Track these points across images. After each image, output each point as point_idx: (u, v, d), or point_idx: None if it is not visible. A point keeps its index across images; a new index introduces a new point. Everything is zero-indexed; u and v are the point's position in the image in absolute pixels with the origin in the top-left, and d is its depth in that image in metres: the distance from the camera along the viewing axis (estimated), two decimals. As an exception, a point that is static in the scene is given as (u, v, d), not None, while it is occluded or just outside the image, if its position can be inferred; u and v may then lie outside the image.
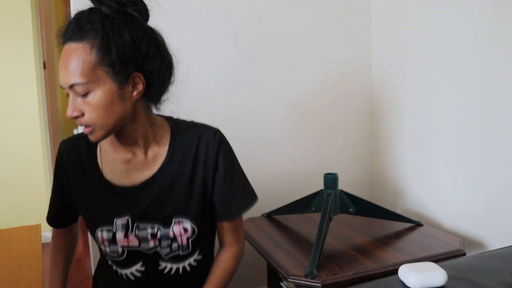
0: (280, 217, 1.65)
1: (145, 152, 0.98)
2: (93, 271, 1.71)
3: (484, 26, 1.38)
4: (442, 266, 0.88)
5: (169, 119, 1.04)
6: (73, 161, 1.01)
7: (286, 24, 1.82)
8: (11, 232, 1.23)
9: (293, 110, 1.87)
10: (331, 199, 1.34)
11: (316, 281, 1.13)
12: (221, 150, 1.00)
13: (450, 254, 1.26)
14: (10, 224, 1.28)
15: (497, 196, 1.38)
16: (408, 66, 1.74)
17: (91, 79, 0.85)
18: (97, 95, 0.86)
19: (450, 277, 0.85)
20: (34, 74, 2.93)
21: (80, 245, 3.10)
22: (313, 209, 1.44)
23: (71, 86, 0.86)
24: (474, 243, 1.46)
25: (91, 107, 0.87)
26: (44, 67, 3.45)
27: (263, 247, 1.37)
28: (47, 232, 3.23)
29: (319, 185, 1.42)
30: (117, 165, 0.99)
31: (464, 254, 1.27)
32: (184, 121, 1.04)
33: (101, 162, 1.00)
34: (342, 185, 1.42)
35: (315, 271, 1.15)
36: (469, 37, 1.44)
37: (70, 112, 0.88)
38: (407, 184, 1.79)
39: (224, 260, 1.04)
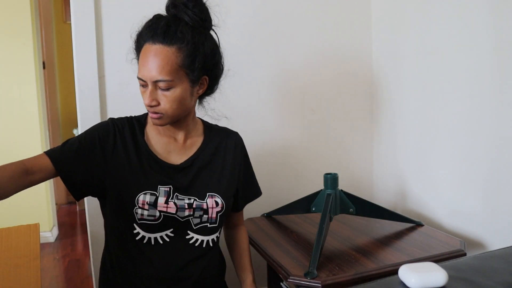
0: (280, 217, 1.65)
1: (184, 140, 1.17)
2: (93, 271, 1.71)
3: (484, 26, 1.37)
4: (442, 266, 0.88)
5: (200, 118, 1.25)
6: (127, 133, 1.13)
7: (286, 24, 1.82)
8: (10, 231, 1.22)
9: (293, 110, 1.87)
10: (331, 199, 1.34)
11: (316, 281, 1.12)
12: (244, 148, 1.27)
13: (451, 254, 1.26)
14: (10, 225, 1.27)
15: (498, 196, 1.37)
16: (408, 66, 1.73)
17: (175, 78, 1.01)
18: (177, 91, 1.03)
19: (450, 277, 0.85)
20: (34, 74, 2.93)
21: (80, 245, 3.10)
22: (313, 209, 1.44)
23: (156, 81, 1.01)
24: (474, 243, 1.46)
25: (168, 100, 1.03)
26: (44, 67, 3.46)
27: (263, 247, 1.37)
28: (46, 233, 3.24)
29: (319, 185, 1.42)
30: (160, 146, 1.15)
31: (464, 254, 1.26)
32: (211, 123, 1.27)
33: (148, 140, 1.15)
34: (342, 185, 1.42)
35: (315, 271, 1.15)
36: (469, 36, 1.43)
37: (149, 101, 1.03)
38: (408, 184, 1.79)
39: (246, 238, 1.31)
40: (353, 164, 1.98)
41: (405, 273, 0.85)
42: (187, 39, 1.01)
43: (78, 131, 1.63)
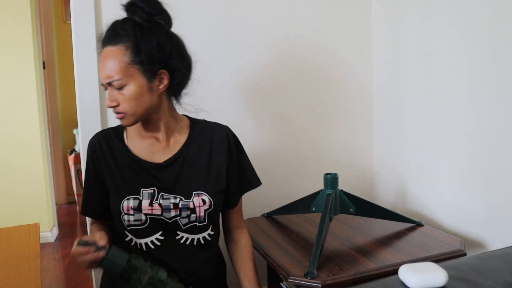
0: (280, 217, 1.65)
1: (167, 139, 1.16)
2: (93, 271, 1.71)
3: (484, 27, 1.37)
4: (442, 266, 0.88)
5: (188, 116, 1.24)
6: (105, 147, 1.15)
7: (287, 25, 1.82)
8: (10, 231, 1.22)
9: (293, 110, 1.86)
10: (331, 199, 1.34)
11: (316, 281, 1.12)
12: (233, 141, 1.22)
13: (451, 254, 1.26)
14: (10, 224, 1.27)
15: (498, 196, 1.37)
16: (408, 66, 1.73)
17: (125, 75, 1.04)
18: (131, 89, 1.05)
19: (450, 277, 0.85)
20: (34, 74, 2.93)
21: (80, 245, 3.09)
22: (313, 209, 1.44)
23: (109, 82, 1.05)
24: (474, 243, 1.46)
25: (125, 98, 1.05)
26: (44, 67, 3.45)
27: (263, 247, 1.37)
28: (46, 233, 3.25)
29: (319, 185, 1.42)
30: (143, 148, 1.16)
31: (464, 254, 1.26)
32: (199, 119, 1.25)
33: (128, 145, 1.17)
34: (342, 185, 1.42)
35: (315, 271, 1.15)
36: (469, 36, 1.43)
37: (108, 103, 1.07)
38: (407, 184, 1.79)
39: (249, 244, 1.25)
40: (353, 164, 1.98)
41: (405, 273, 0.85)
42: (128, 35, 1.04)
43: (78, 131, 1.63)
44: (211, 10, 1.72)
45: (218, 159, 1.18)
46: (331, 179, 1.37)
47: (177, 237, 1.12)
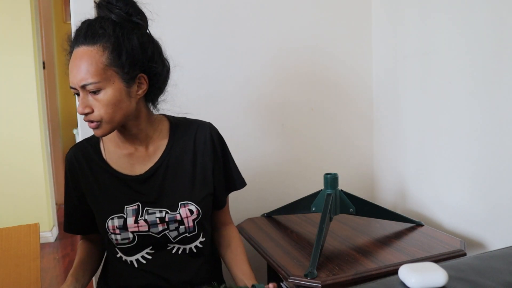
0: (280, 217, 1.65)
1: (146, 147, 1.09)
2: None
3: (485, 26, 1.37)
4: (442, 266, 0.88)
5: (167, 116, 1.16)
6: (82, 161, 1.09)
7: (285, 24, 1.82)
8: (10, 231, 1.22)
9: (293, 110, 1.86)
10: (331, 199, 1.34)
11: (316, 281, 1.12)
12: (217, 139, 1.14)
13: (451, 254, 1.26)
14: (10, 224, 1.27)
15: (498, 196, 1.37)
16: (409, 66, 1.73)
17: (102, 79, 0.94)
18: (108, 93, 0.95)
19: (450, 277, 0.85)
20: (34, 74, 2.93)
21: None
22: (313, 209, 1.44)
23: (84, 86, 0.94)
24: (474, 243, 1.46)
25: (101, 104, 0.96)
26: (44, 67, 3.46)
27: (263, 247, 1.37)
28: (46, 233, 3.25)
29: (319, 185, 1.42)
30: (121, 159, 1.08)
31: (464, 254, 1.26)
32: (180, 118, 1.17)
33: (106, 158, 1.09)
34: (342, 185, 1.42)
35: (315, 271, 1.15)
36: (470, 37, 1.43)
37: (81, 109, 0.96)
38: (408, 184, 1.79)
39: (237, 238, 1.22)
40: (353, 164, 1.98)
41: (405, 273, 0.85)
42: (108, 35, 0.95)
43: (78, 131, 1.63)
44: (208, 11, 1.72)
45: (202, 160, 1.12)
46: (331, 179, 1.37)
47: (168, 248, 1.09)
